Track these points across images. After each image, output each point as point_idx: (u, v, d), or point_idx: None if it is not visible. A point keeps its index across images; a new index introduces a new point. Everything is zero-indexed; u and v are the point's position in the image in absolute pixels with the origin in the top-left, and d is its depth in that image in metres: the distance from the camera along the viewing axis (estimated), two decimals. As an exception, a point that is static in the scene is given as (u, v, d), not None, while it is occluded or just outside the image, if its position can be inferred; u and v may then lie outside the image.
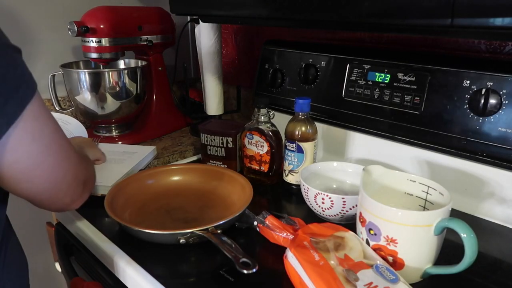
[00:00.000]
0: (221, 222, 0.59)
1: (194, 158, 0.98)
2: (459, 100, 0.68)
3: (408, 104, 0.74)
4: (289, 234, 0.59)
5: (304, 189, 0.68)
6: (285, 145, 0.76)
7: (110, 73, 0.98)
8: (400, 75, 0.75)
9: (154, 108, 1.12)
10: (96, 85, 0.98)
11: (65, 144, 0.52)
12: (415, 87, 0.73)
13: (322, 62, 0.88)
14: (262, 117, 0.78)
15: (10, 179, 0.46)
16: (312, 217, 0.69)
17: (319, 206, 0.66)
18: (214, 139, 0.85)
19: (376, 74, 0.79)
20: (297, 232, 0.57)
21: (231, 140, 0.83)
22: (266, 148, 0.78)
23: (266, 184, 0.82)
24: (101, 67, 1.07)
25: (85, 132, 0.98)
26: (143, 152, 0.90)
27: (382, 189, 0.60)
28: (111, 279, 0.63)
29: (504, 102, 0.64)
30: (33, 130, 0.45)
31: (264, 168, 0.80)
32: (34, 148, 0.46)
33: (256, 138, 0.79)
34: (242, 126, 0.83)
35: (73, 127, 0.96)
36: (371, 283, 0.46)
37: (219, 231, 0.58)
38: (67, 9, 1.10)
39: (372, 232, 0.52)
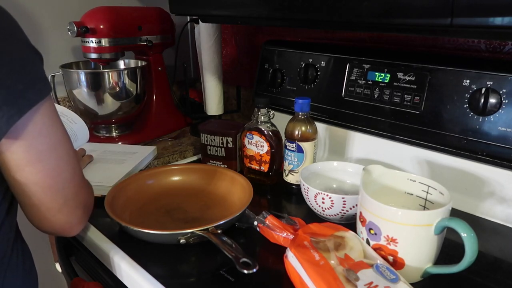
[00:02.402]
0: (221, 222, 0.59)
1: (194, 158, 0.98)
2: (459, 99, 0.68)
3: (408, 103, 0.74)
4: (289, 234, 0.59)
5: (304, 189, 0.68)
6: (285, 145, 0.76)
7: (110, 73, 0.98)
8: (400, 75, 0.75)
9: (154, 108, 1.12)
10: (96, 85, 0.98)
11: (71, 157, 0.52)
12: (415, 86, 0.73)
13: (322, 62, 0.88)
14: (262, 117, 0.78)
15: (8, 163, 0.46)
16: (312, 217, 0.69)
17: (319, 206, 0.66)
18: (214, 139, 0.85)
19: (376, 73, 0.79)
20: (297, 232, 0.57)
21: (231, 140, 0.83)
22: (266, 148, 0.78)
23: (266, 184, 0.82)
24: (101, 67, 1.07)
25: (87, 134, 0.99)
26: (143, 152, 0.90)
27: (382, 188, 0.60)
28: (111, 279, 0.63)
29: (504, 101, 0.64)
30: (42, 126, 0.46)
31: (264, 168, 0.80)
32: (37, 144, 0.46)
33: (256, 138, 0.79)
34: (242, 126, 0.83)
35: (77, 127, 0.96)
36: (371, 282, 0.46)
37: (219, 231, 0.58)
38: (66, 10, 1.10)
39: (372, 231, 0.52)
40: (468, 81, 0.67)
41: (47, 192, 0.49)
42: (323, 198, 0.65)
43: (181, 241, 0.58)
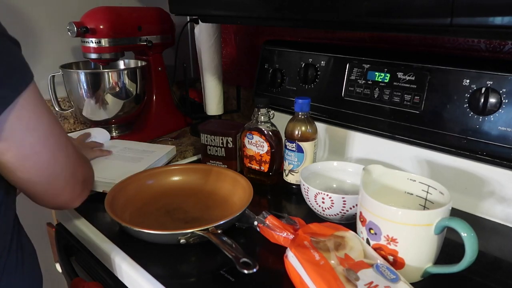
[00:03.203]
0: (222, 222, 0.59)
1: (194, 158, 0.98)
2: (459, 99, 0.68)
3: (408, 103, 0.74)
4: (289, 234, 0.59)
5: (304, 188, 0.68)
6: (285, 145, 0.76)
7: (109, 73, 0.98)
8: (399, 75, 0.75)
9: (154, 108, 1.12)
10: (96, 85, 0.98)
11: (63, 140, 0.52)
12: (415, 86, 0.73)
13: (322, 62, 0.88)
14: (262, 117, 0.78)
15: (4, 166, 0.46)
16: (312, 216, 0.69)
17: (319, 206, 0.66)
18: (214, 139, 0.85)
19: (376, 73, 0.79)
20: (298, 232, 0.57)
21: (231, 140, 0.83)
22: (266, 148, 0.78)
23: (266, 184, 0.82)
24: (101, 67, 1.07)
25: (108, 136, 0.99)
26: (161, 152, 0.90)
27: (382, 188, 0.60)
28: (112, 279, 0.63)
29: (504, 101, 0.64)
30: (29, 120, 0.45)
31: (264, 168, 0.80)
32: (28, 138, 0.46)
33: (256, 138, 0.79)
34: (242, 126, 0.83)
35: (96, 132, 0.97)
36: (371, 282, 0.46)
37: (219, 231, 0.58)
38: (66, 10, 1.10)
39: (372, 231, 0.52)
40: (468, 80, 0.67)
41: (49, 179, 0.51)
42: (323, 198, 0.65)
43: (181, 241, 0.58)
